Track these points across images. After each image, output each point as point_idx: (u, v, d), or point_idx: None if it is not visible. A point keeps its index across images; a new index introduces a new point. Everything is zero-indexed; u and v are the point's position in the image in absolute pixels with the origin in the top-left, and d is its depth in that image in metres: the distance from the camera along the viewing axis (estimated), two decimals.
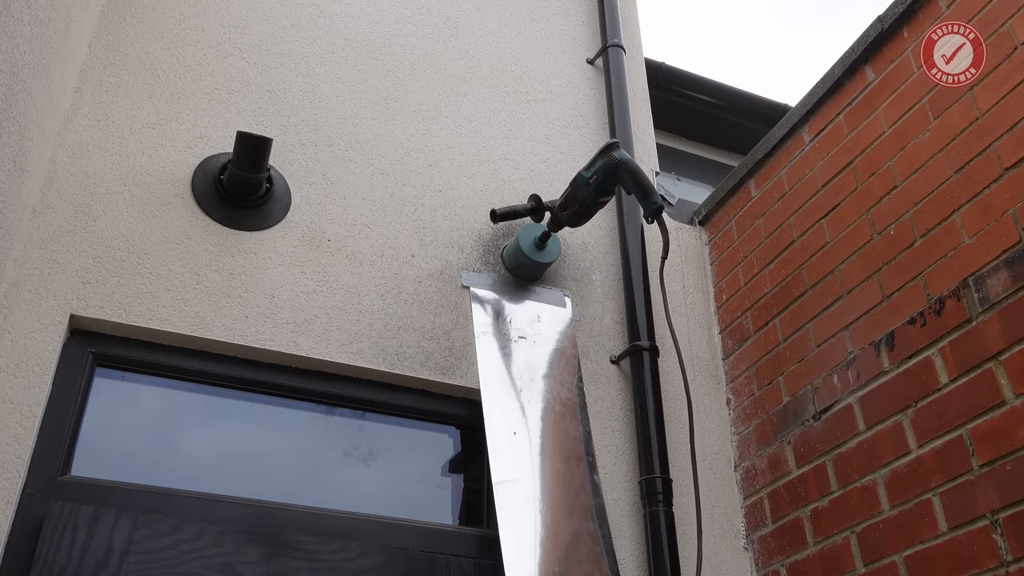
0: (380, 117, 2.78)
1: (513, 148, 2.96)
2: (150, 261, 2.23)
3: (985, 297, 2.01)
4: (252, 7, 2.81)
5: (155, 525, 1.92)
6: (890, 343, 2.24)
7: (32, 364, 1.99)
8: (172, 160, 2.40)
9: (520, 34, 3.29)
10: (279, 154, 2.52)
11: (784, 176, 2.80)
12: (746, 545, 2.55)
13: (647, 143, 3.25)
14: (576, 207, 2.47)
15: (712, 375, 2.84)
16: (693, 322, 2.91)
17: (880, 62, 2.51)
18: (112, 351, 2.14)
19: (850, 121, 2.57)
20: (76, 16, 2.22)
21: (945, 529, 1.97)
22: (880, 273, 2.33)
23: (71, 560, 1.82)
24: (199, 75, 2.59)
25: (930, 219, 2.21)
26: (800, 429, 2.46)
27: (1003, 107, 2.08)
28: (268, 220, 2.41)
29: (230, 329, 2.21)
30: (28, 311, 2.04)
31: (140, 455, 2.12)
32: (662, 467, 2.43)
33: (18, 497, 1.86)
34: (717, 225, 3.09)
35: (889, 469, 2.15)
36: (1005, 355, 1.92)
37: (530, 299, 2.64)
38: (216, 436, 2.26)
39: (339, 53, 2.86)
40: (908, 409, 2.14)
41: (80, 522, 1.87)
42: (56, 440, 1.97)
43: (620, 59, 3.30)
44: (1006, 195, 2.02)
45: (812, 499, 2.36)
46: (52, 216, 2.19)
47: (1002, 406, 1.90)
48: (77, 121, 2.35)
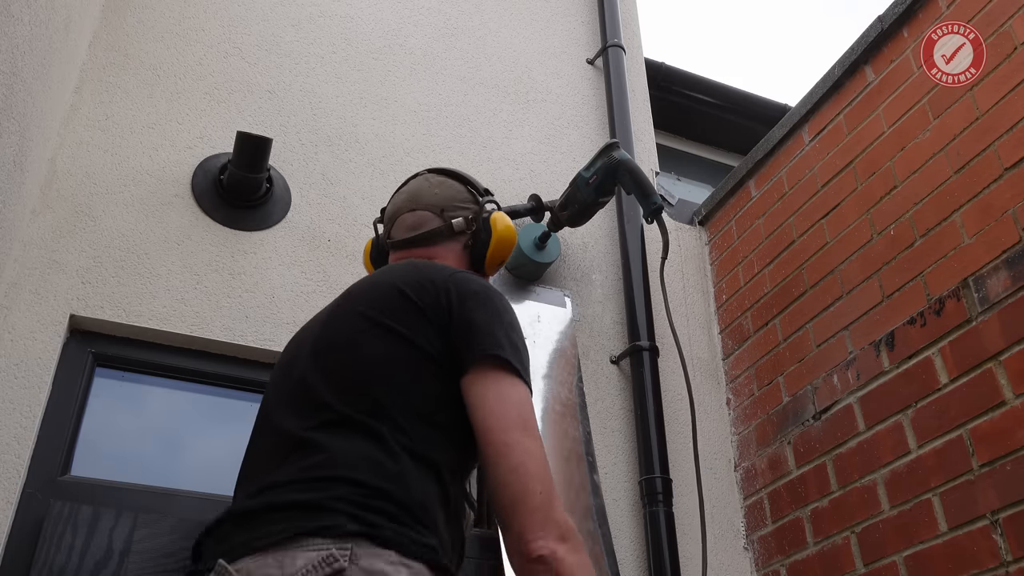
0: (380, 117, 2.78)
1: (513, 148, 2.96)
2: (150, 261, 2.23)
3: (985, 297, 2.01)
4: (252, 7, 2.81)
5: (155, 525, 1.92)
6: (890, 343, 2.24)
7: (32, 364, 1.99)
8: (172, 160, 2.40)
9: (520, 34, 3.29)
10: (279, 154, 2.52)
11: (784, 176, 2.80)
12: (746, 545, 2.55)
13: (647, 143, 3.25)
14: (576, 207, 2.47)
15: (712, 375, 2.84)
16: (693, 322, 2.91)
17: (880, 62, 2.51)
18: (112, 351, 2.14)
19: (850, 121, 2.57)
20: (76, 16, 2.22)
21: (945, 529, 1.97)
22: (880, 273, 2.33)
23: (71, 560, 1.82)
24: (199, 75, 2.59)
25: (930, 219, 2.21)
26: (800, 429, 2.46)
27: (1003, 107, 2.08)
28: (268, 220, 2.41)
29: (230, 329, 2.21)
30: (28, 311, 2.04)
31: (140, 455, 2.12)
32: (662, 467, 2.43)
33: (18, 497, 1.86)
34: (717, 225, 3.09)
35: (889, 469, 2.15)
36: (1005, 355, 1.92)
37: (530, 299, 2.64)
38: (216, 436, 2.26)
39: (339, 53, 2.86)
40: (908, 409, 2.14)
41: (80, 522, 1.86)
42: (56, 440, 1.97)
43: (620, 59, 3.30)
44: (1006, 195, 2.02)
45: (812, 499, 2.36)
46: (52, 216, 2.19)
47: (1002, 406, 1.90)
48: (77, 121, 2.35)
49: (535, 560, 1.19)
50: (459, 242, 1.68)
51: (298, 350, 1.47)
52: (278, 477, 1.25)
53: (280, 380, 1.46)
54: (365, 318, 1.40)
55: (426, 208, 1.70)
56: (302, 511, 1.17)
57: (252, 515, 1.21)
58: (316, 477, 1.21)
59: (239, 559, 1.15)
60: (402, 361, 1.34)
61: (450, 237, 1.67)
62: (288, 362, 1.47)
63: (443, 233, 1.67)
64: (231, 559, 1.16)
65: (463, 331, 1.36)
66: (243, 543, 1.17)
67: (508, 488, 1.24)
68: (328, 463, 1.23)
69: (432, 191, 1.72)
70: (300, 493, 1.20)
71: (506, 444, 1.27)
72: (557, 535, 1.20)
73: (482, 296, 1.42)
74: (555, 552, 1.19)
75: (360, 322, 1.40)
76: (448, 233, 1.67)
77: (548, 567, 1.18)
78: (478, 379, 1.33)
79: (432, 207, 1.70)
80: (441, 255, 1.66)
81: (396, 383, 1.32)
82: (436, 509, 1.26)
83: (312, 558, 1.11)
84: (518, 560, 1.21)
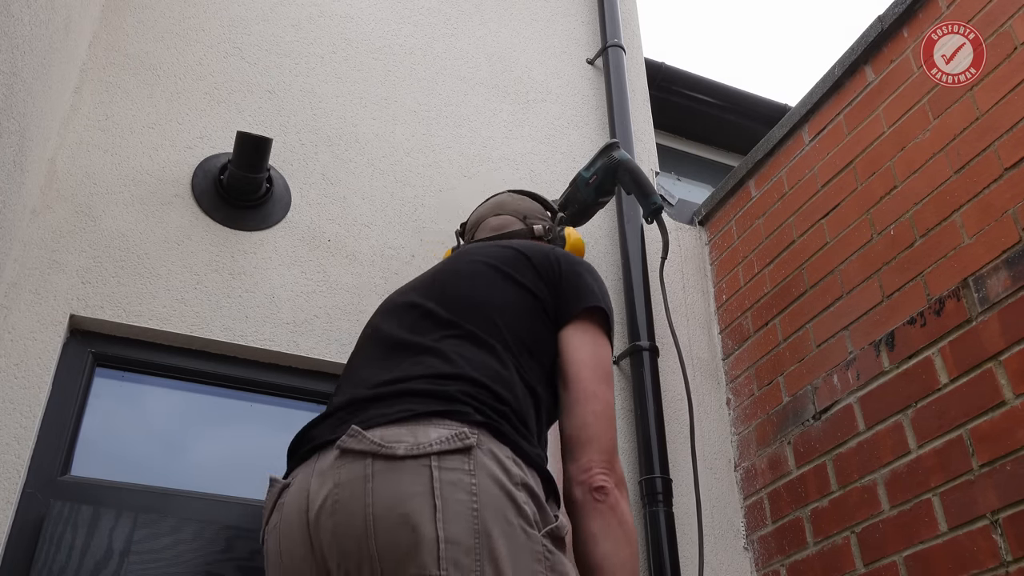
0: (380, 117, 2.78)
1: (513, 148, 2.96)
2: (150, 261, 2.23)
3: (985, 297, 2.01)
4: (252, 7, 2.81)
5: (155, 525, 1.92)
6: (890, 343, 2.24)
7: (32, 364, 1.99)
8: (172, 160, 2.40)
9: (520, 34, 3.29)
10: (279, 154, 2.52)
11: (784, 176, 2.80)
12: (746, 545, 2.55)
13: (647, 143, 3.25)
14: (576, 207, 2.47)
15: (712, 375, 2.84)
16: (693, 322, 2.91)
17: (880, 62, 2.51)
18: (112, 351, 2.14)
19: (850, 121, 2.57)
20: (76, 16, 2.22)
21: (945, 529, 1.97)
22: (880, 273, 2.33)
23: (71, 560, 1.82)
24: (199, 75, 2.59)
25: (930, 219, 2.21)
26: (800, 429, 2.46)
27: (1003, 107, 2.08)
28: (268, 220, 2.41)
29: (230, 329, 2.21)
30: (28, 311, 2.04)
31: (140, 455, 2.12)
32: (662, 467, 2.42)
33: (18, 497, 1.86)
34: (717, 225, 3.09)
35: (889, 469, 2.15)
36: (1005, 355, 1.92)
37: None
38: (216, 436, 2.26)
39: (339, 53, 2.86)
40: (908, 409, 2.14)
41: (80, 522, 1.87)
42: (56, 440, 1.97)
43: (620, 59, 3.30)
44: (1006, 195, 2.02)
45: (812, 499, 2.36)
46: (52, 216, 2.19)
47: (1002, 406, 1.90)
48: (77, 121, 2.35)
49: (597, 489, 1.37)
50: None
51: (402, 297, 1.64)
52: (408, 372, 1.40)
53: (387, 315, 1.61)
54: (487, 265, 1.60)
55: (510, 214, 1.95)
56: (434, 398, 1.32)
57: (385, 397, 1.35)
58: (445, 374, 1.37)
59: (373, 428, 1.29)
60: (519, 301, 1.54)
61: (530, 240, 1.89)
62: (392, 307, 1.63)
63: (524, 235, 1.90)
64: (366, 428, 1.29)
65: (571, 287, 1.58)
66: (378, 415, 1.31)
67: (588, 428, 1.43)
68: (457, 365, 1.39)
69: (516, 202, 1.98)
70: (432, 384, 1.35)
71: (595, 392, 1.46)
72: (616, 479, 1.40)
73: (586, 266, 1.66)
74: (614, 489, 1.38)
75: (482, 267, 1.60)
76: (528, 236, 1.91)
77: (605, 498, 1.37)
78: (579, 329, 1.54)
79: (516, 213, 1.95)
80: None
81: (513, 316, 1.51)
82: (535, 430, 1.43)
83: (444, 433, 1.27)
84: (580, 489, 1.39)
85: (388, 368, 1.43)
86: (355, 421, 1.31)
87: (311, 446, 1.36)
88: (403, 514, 1.20)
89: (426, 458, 1.23)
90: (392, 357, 1.46)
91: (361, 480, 1.24)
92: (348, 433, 1.28)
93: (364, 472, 1.24)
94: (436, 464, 1.23)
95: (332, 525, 1.24)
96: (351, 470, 1.25)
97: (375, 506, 1.21)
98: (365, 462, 1.25)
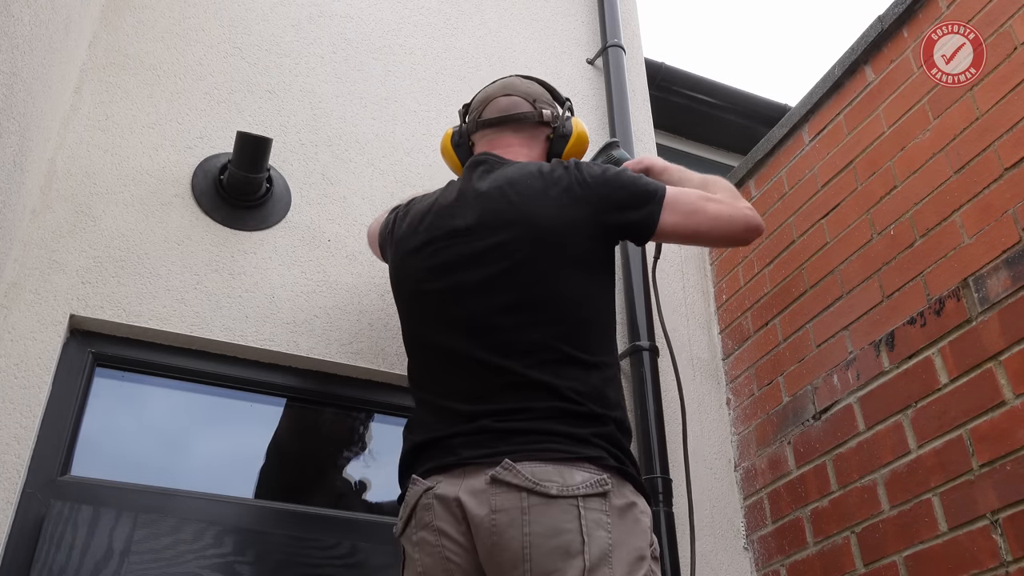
0: (380, 117, 2.78)
1: None
2: (150, 261, 2.23)
3: (985, 297, 2.01)
4: (252, 7, 2.81)
5: (155, 525, 1.92)
6: (890, 343, 2.24)
7: (32, 364, 1.99)
8: (172, 160, 2.40)
9: (520, 34, 3.29)
10: (279, 154, 2.52)
11: (784, 176, 2.80)
12: (746, 545, 2.55)
13: (647, 143, 3.25)
14: None
15: (712, 375, 2.84)
16: (693, 322, 2.91)
17: (880, 62, 2.51)
18: (112, 351, 2.14)
19: (850, 121, 2.57)
20: (76, 16, 2.22)
21: (945, 529, 1.97)
22: (880, 273, 2.33)
23: (71, 560, 1.82)
24: (199, 75, 2.59)
25: (930, 219, 2.22)
26: (800, 429, 2.46)
27: (1003, 107, 2.09)
28: (268, 220, 2.41)
29: (230, 329, 2.21)
30: (28, 311, 2.04)
31: (140, 455, 2.12)
32: (662, 467, 2.42)
33: (18, 497, 1.86)
34: None
35: (889, 469, 2.15)
36: (1005, 355, 1.92)
37: None
38: (216, 436, 2.26)
39: (339, 53, 2.86)
40: (908, 409, 2.14)
41: (80, 522, 1.87)
42: (56, 440, 1.97)
43: (620, 59, 3.30)
44: (1006, 195, 2.02)
45: (812, 499, 2.36)
46: (52, 216, 2.19)
47: (1002, 406, 1.90)
48: (77, 121, 2.35)
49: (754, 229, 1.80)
50: (543, 132, 1.94)
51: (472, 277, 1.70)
52: (530, 405, 1.55)
53: (437, 304, 1.72)
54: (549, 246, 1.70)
55: (520, 95, 1.95)
56: (574, 440, 1.51)
57: (522, 432, 1.52)
58: (571, 412, 1.54)
59: (522, 462, 1.47)
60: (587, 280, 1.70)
61: (537, 124, 1.93)
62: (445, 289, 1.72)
63: (532, 119, 1.92)
64: (515, 460, 1.47)
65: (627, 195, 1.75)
66: (521, 451, 1.49)
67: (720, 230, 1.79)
68: (574, 402, 1.55)
69: (525, 85, 1.98)
70: (564, 426, 1.52)
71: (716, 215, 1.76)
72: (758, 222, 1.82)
73: (600, 167, 1.79)
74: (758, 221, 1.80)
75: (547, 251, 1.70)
76: (537, 120, 1.92)
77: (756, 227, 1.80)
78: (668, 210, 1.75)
79: (526, 95, 1.96)
80: (527, 140, 1.91)
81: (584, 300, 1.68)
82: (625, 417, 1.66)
83: (588, 478, 1.48)
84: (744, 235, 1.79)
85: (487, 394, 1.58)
86: (501, 450, 1.50)
87: (456, 459, 1.53)
88: (557, 545, 1.42)
89: (574, 499, 1.45)
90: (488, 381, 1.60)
91: (518, 511, 1.45)
92: (502, 465, 1.47)
93: (520, 504, 1.45)
94: (582, 505, 1.45)
95: (490, 544, 1.46)
96: (507, 499, 1.46)
97: (532, 535, 1.43)
98: (520, 495, 1.45)
